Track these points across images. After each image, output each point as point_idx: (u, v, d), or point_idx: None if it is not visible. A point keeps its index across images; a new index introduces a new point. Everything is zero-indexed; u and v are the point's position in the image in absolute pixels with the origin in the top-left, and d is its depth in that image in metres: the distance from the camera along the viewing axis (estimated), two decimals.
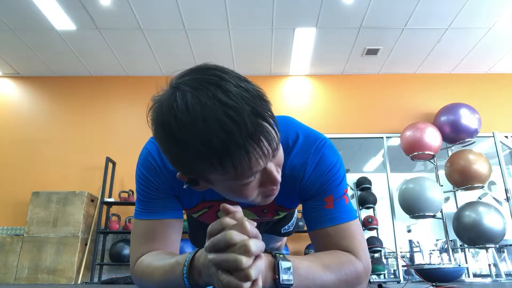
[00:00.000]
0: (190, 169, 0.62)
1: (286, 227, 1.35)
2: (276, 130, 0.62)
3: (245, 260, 0.51)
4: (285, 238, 1.72)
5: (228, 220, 0.55)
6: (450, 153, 4.55)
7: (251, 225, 0.54)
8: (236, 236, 0.52)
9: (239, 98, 0.56)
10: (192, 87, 0.57)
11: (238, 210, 0.58)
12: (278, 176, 0.67)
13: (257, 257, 0.53)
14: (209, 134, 0.55)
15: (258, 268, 0.53)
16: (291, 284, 0.61)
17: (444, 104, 4.66)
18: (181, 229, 0.91)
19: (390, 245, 4.58)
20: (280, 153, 0.68)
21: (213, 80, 0.57)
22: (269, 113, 0.60)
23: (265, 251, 0.60)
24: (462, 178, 4.06)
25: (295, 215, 1.40)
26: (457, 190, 4.37)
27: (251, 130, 0.56)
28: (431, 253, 5.72)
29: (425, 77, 5.26)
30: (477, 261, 5.57)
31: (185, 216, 1.00)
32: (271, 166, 0.64)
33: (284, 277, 0.60)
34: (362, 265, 0.77)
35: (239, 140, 0.55)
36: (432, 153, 4.31)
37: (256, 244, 0.52)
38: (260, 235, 0.55)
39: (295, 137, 0.83)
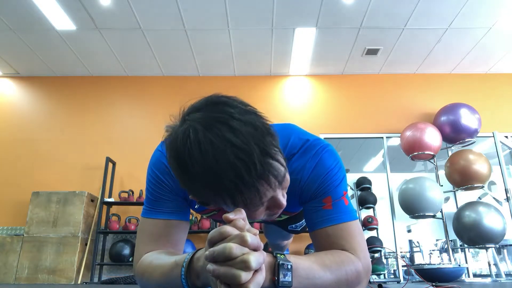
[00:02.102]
0: (201, 197, 0.66)
1: (293, 225, 1.39)
2: (283, 164, 0.65)
3: (244, 276, 0.51)
4: (291, 239, 1.78)
5: (229, 230, 0.55)
6: (450, 153, 4.55)
7: (252, 237, 0.54)
8: (236, 250, 0.52)
9: (249, 138, 0.59)
10: (204, 126, 0.60)
11: (241, 216, 0.58)
12: (284, 201, 0.70)
13: (256, 270, 0.53)
14: (221, 175, 0.58)
15: (257, 283, 0.53)
16: (290, 285, 0.60)
17: (444, 104, 4.66)
18: (187, 231, 0.92)
19: (390, 245, 4.57)
20: (287, 178, 0.71)
21: (223, 119, 0.60)
22: (276, 148, 0.64)
23: (267, 251, 0.60)
24: (462, 178, 4.06)
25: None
26: (457, 190, 4.37)
27: (260, 171, 0.59)
28: (431, 253, 5.72)
29: (425, 77, 5.26)
30: (477, 261, 5.57)
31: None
32: (278, 193, 0.68)
33: (283, 278, 0.60)
34: (362, 265, 0.77)
35: (249, 180, 0.59)
36: (432, 153, 4.31)
37: (257, 259, 0.52)
38: (261, 244, 0.55)
39: (297, 144, 0.86)
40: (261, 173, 0.60)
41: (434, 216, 4.07)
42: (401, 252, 5.46)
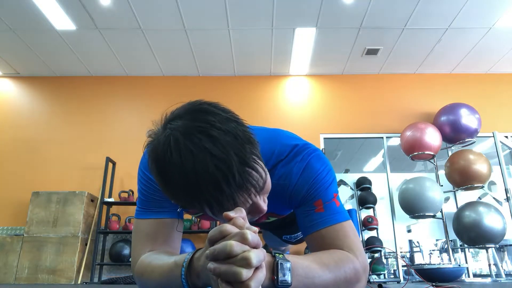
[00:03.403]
0: (181, 204, 0.68)
1: (288, 236, 1.38)
2: (262, 172, 0.66)
3: (245, 273, 0.51)
4: (289, 245, 1.75)
5: (229, 228, 0.55)
6: (450, 153, 4.55)
7: (252, 235, 0.54)
8: (237, 247, 0.52)
9: (228, 148, 0.60)
10: (184, 135, 0.61)
11: (241, 215, 0.59)
12: (264, 206, 0.71)
13: (257, 267, 0.53)
14: (199, 185, 0.60)
15: (258, 280, 0.53)
16: (289, 285, 0.60)
17: (444, 104, 4.66)
18: (182, 228, 0.93)
19: (390, 245, 4.57)
20: (268, 183, 0.72)
21: (203, 128, 0.61)
22: (255, 157, 0.64)
23: (267, 251, 0.60)
24: (462, 178, 4.06)
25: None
26: (457, 190, 4.37)
27: (238, 181, 0.61)
28: (431, 253, 5.72)
29: (425, 77, 5.26)
30: (477, 261, 5.57)
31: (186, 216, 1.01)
32: (258, 199, 0.69)
33: (282, 277, 0.60)
34: (359, 263, 0.77)
35: (227, 191, 0.60)
36: (432, 153, 4.31)
37: (257, 256, 0.52)
38: (261, 242, 0.55)
39: (285, 150, 0.86)
40: (240, 184, 0.61)
41: (434, 216, 4.07)
42: (401, 252, 5.46)
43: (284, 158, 0.85)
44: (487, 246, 3.81)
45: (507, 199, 3.83)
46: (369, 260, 4.28)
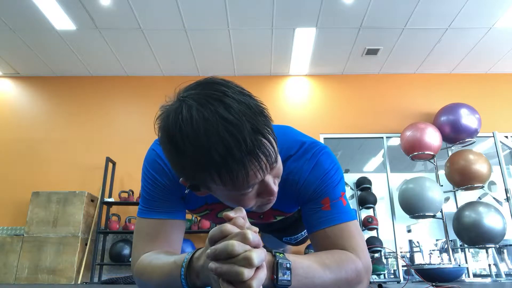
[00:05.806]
0: (191, 177, 0.66)
1: (288, 238, 1.38)
2: (275, 145, 0.65)
3: (247, 273, 0.51)
4: (288, 246, 1.74)
5: (229, 228, 0.55)
6: (450, 153, 4.55)
7: (253, 235, 0.54)
8: (238, 247, 0.52)
9: (240, 115, 0.59)
10: (197, 101, 0.60)
11: (241, 214, 0.59)
12: (275, 188, 0.70)
13: (258, 267, 0.54)
14: (210, 148, 0.58)
15: (259, 279, 0.53)
16: (289, 284, 0.60)
17: (444, 104, 4.66)
18: (184, 230, 0.93)
19: (390, 245, 4.57)
20: (279, 165, 0.71)
21: (217, 96, 0.60)
22: (268, 129, 0.63)
23: (266, 249, 0.60)
24: (462, 178, 4.06)
25: (303, 233, 1.40)
26: (457, 190, 4.37)
27: (249, 146, 0.59)
28: (431, 253, 5.71)
29: (425, 77, 5.26)
30: (477, 261, 5.57)
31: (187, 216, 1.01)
32: (269, 178, 0.68)
33: (282, 277, 0.60)
34: (362, 264, 0.77)
35: (237, 155, 0.58)
36: (432, 153, 4.31)
37: (259, 256, 0.52)
38: (261, 243, 0.55)
39: (294, 146, 0.86)
40: (250, 149, 0.59)
41: (434, 216, 4.07)
42: (401, 252, 5.46)
43: (294, 154, 0.85)
44: (487, 246, 3.81)
45: (507, 199, 3.83)
46: None
